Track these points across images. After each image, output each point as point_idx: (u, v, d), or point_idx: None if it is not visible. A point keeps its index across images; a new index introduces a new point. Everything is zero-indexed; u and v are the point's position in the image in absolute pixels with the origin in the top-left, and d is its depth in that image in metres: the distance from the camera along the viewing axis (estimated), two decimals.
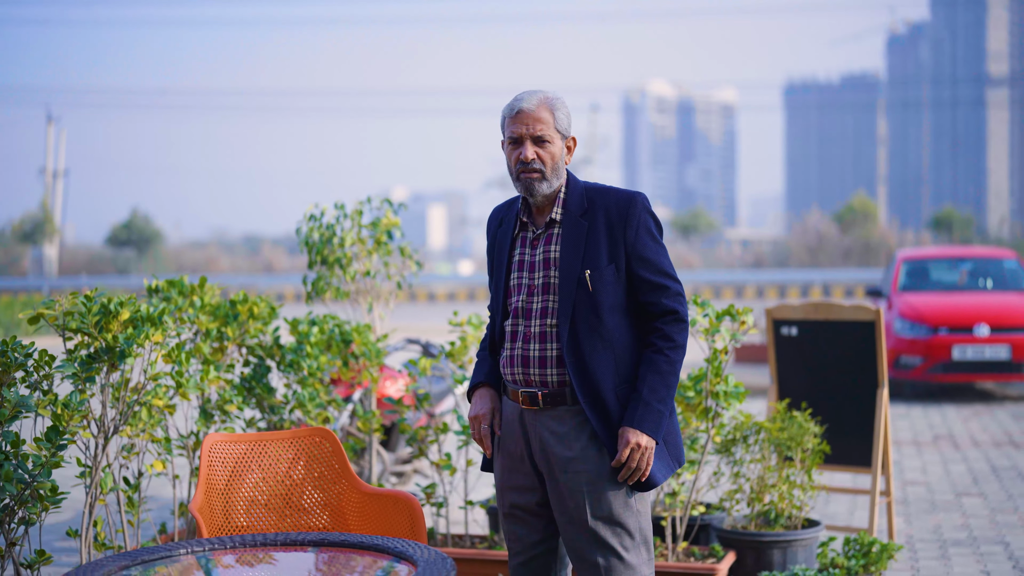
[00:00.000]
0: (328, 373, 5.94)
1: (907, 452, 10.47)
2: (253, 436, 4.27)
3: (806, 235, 55.63)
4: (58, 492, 4.36)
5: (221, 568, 3.33)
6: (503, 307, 3.74)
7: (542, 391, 3.61)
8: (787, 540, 5.48)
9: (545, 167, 3.61)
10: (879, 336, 6.50)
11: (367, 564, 3.29)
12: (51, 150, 69.20)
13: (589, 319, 3.58)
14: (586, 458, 3.58)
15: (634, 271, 3.62)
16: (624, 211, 3.62)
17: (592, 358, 3.58)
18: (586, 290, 3.58)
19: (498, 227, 3.82)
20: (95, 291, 4.77)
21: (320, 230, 6.30)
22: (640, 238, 3.62)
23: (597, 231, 3.62)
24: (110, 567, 3.15)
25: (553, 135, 3.62)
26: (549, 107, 3.62)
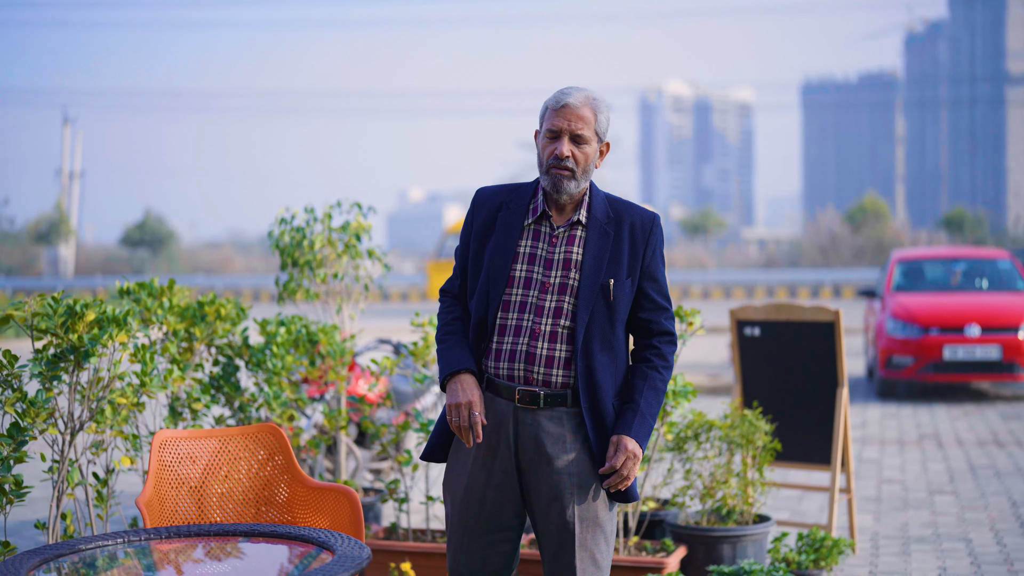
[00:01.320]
0: (296, 372, 6.11)
1: (889, 451, 10.60)
2: (203, 432, 4.45)
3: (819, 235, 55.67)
4: (22, 486, 4.53)
5: (156, 557, 3.50)
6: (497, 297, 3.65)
7: (544, 391, 3.60)
8: (737, 535, 5.63)
9: (577, 167, 3.62)
10: (838, 337, 6.65)
11: (293, 553, 3.46)
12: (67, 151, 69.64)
13: (603, 327, 3.62)
14: (578, 462, 3.60)
15: (644, 289, 3.68)
16: (648, 230, 3.69)
17: (599, 366, 3.61)
18: (607, 299, 3.61)
19: (497, 211, 3.74)
20: (62, 293, 4.96)
21: (291, 233, 6.47)
22: (655, 259, 3.70)
23: (622, 243, 3.66)
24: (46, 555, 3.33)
25: (591, 136, 3.63)
26: (593, 108, 3.63)
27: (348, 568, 3.13)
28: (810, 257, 54.43)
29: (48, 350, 4.87)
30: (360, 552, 3.27)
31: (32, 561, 3.26)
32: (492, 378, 3.66)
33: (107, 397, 5.06)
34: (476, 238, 3.74)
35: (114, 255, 70.14)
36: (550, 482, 3.60)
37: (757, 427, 5.87)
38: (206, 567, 3.50)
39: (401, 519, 6.21)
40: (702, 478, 5.86)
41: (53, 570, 3.34)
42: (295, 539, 3.52)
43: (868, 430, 11.88)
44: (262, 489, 4.40)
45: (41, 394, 4.73)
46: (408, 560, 5.58)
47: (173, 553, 3.54)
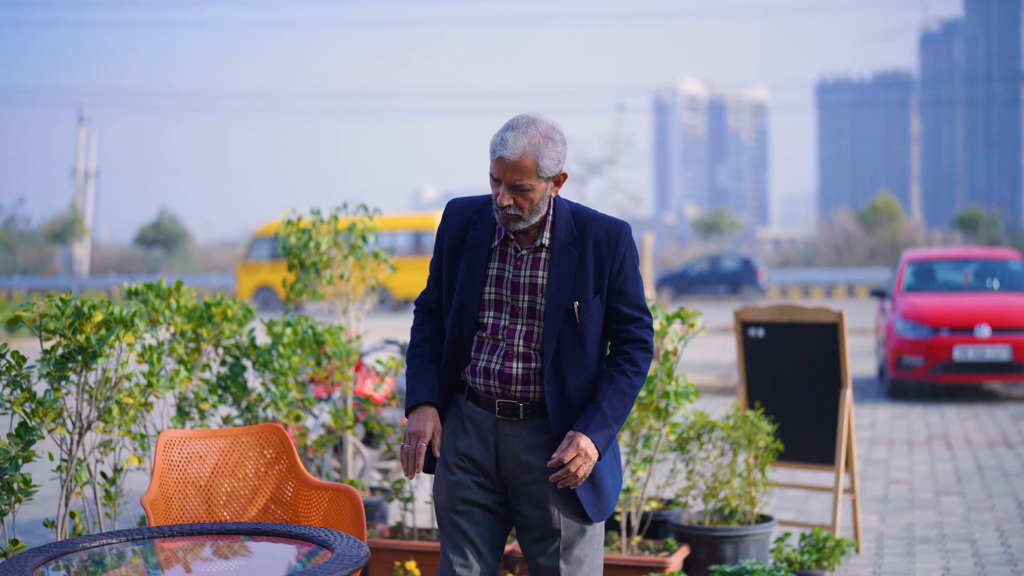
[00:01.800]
0: (302, 372, 6.16)
1: (898, 452, 10.62)
2: (208, 432, 4.50)
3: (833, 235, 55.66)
4: (30, 485, 4.60)
5: (159, 555, 3.56)
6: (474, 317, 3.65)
7: (523, 404, 3.63)
8: (739, 535, 5.67)
9: (523, 211, 3.55)
10: (842, 338, 6.68)
11: (293, 551, 3.51)
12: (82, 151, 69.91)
13: (573, 348, 3.60)
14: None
15: (612, 303, 3.64)
16: (614, 243, 3.62)
17: (572, 384, 3.60)
18: (573, 321, 3.58)
19: (465, 230, 3.70)
20: (69, 294, 5.02)
21: (297, 234, 6.53)
22: (624, 271, 3.62)
23: (586, 261, 3.61)
24: (51, 552, 3.39)
25: (534, 183, 3.51)
26: (534, 156, 3.49)
27: (346, 566, 3.17)
28: (824, 257, 54.44)
29: (56, 350, 4.94)
30: (358, 551, 3.32)
31: (37, 558, 3.32)
32: (472, 390, 3.69)
33: (115, 397, 5.12)
34: (448, 257, 3.73)
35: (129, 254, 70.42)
36: (533, 489, 3.63)
37: (759, 427, 5.90)
38: (209, 565, 3.56)
39: (406, 518, 6.26)
40: (705, 478, 5.90)
41: (60, 568, 3.39)
42: (296, 538, 3.57)
43: (877, 431, 11.90)
44: (266, 488, 4.46)
45: (49, 394, 4.80)
46: (413, 559, 5.64)
47: (176, 551, 3.60)
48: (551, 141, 3.53)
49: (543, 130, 3.53)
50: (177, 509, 4.28)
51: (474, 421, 3.68)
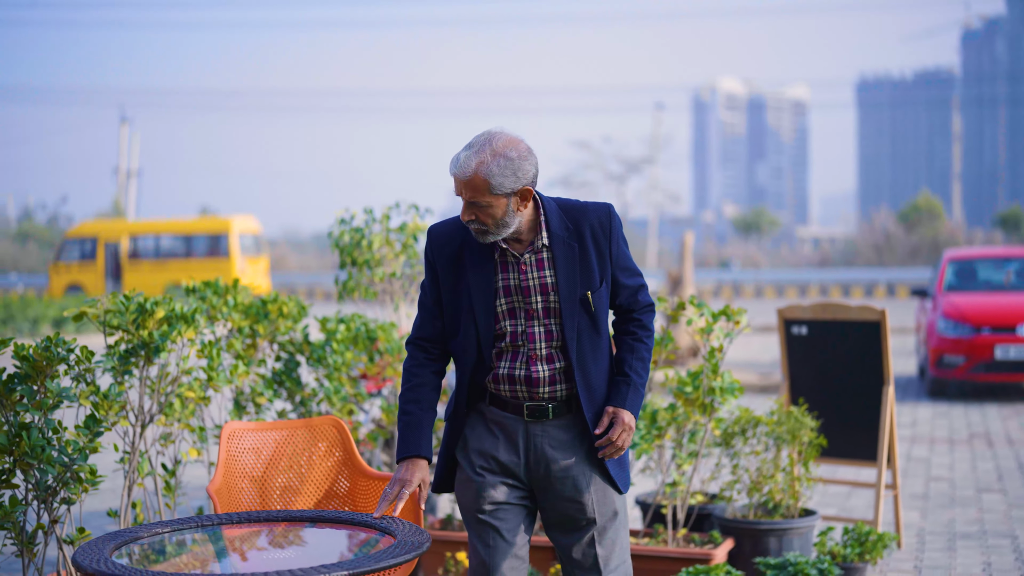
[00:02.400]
0: (355, 368, 6.32)
1: (939, 449, 10.67)
2: (269, 424, 4.66)
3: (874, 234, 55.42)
4: (96, 475, 4.77)
5: (227, 541, 3.71)
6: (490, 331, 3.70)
7: (551, 404, 3.71)
8: (783, 528, 5.77)
9: (487, 225, 3.60)
10: (885, 336, 6.77)
11: (355, 538, 3.65)
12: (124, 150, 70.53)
13: (591, 337, 3.71)
14: (590, 460, 3.74)
15: (618, 279, 3.75)
16: (607, 227, 3.71)
17: (594, 374, 3.72)
18: (588, 311, 3.69)
19: (460, 249, 3.74)
20: (134, 291, 5.19)
21: (350, 233, 6.69)
22: (620, 248, 3.75)
23: (587, 251, 3.70)
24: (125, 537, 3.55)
25: (490, 200, 3.56)
26: (485, 175, 3.54)
27: (409, 551, 3.31)
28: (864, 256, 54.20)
29: (120, 346, 5.11)
30: (420, 537, 3.46)
31: (114, 542, 3.47)
32: (496, 396, 3.77)
33: (175, 391, 5.29)
34: (446, 279, 3.75)
35: None
36: (567, 484, 3.73)
37: (803, 423, 6.00)
38: (275, 551, 3.70)
39: (455, 511, 6.39)
40: (749, 473, 6.01)
41: (135, 552, 3.55)
42: (358, 525, 3.71)
43: (918, 429, 11.95)
44: (324, 480, 4.61)
45: (113, 388, 4.97)
46: (463, 550, 5.77)
47: (244, 537, 3.75)
48: (503, 158, 3.56)
49: (498, 147, 3.57)
50: (237, 498, 4.43)
51: (500, 425, 3.76)
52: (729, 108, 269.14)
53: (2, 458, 4.53)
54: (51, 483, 4.67)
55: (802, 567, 5.41)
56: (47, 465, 4.54)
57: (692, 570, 5.29)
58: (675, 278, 17.18)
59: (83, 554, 3.31)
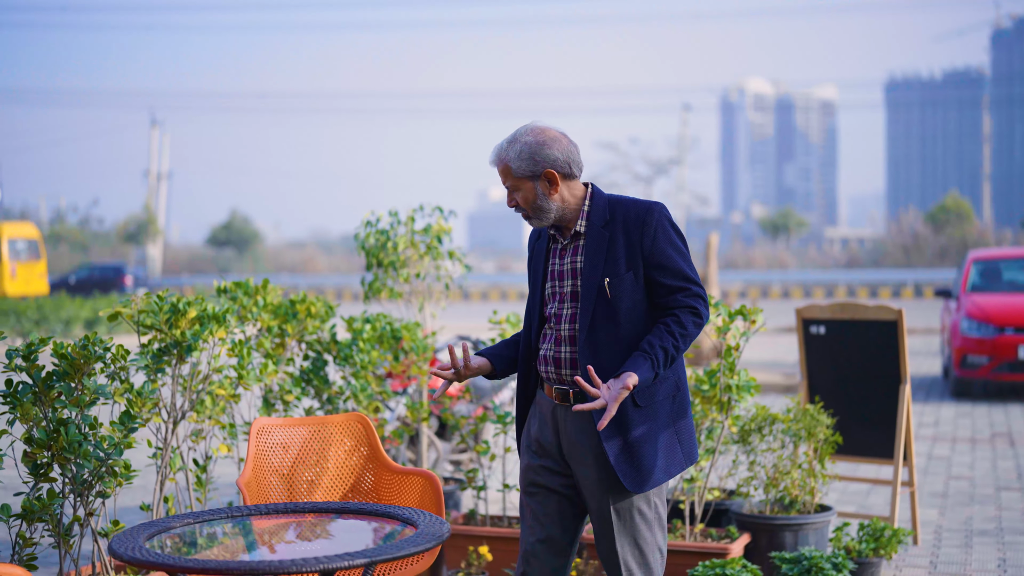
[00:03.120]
0: (380, 367, 6.48)
1: (960, 449, 10.75)
2: (297, 420, 4.82)
3: (902, 235, 55.25)
4: (130, 469, 4.94)
5: (256, 531, 3.87)
6: (540, 313, 3.99)
7: (573, 389, 3.86)
8: (798, 523, 5.89)
9: (526, 208, 3.90)
10: (901, 335, 6.88)
11: (379, 527, 3.81)
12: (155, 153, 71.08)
13: (607, 323, 3.79)
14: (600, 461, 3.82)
15: (653, 277, 3.79)
16: (641, 220, 3.80)
17: (609, 359, 3.78)
18: (605, 297, 3.78)
19: (536, 240, 4.08)
20: (166, 291, 5.37)
21: (376, 235, 6.85)
22: (658, 245, 3.78)
23: (616, 241, 3.81)
24: (159, 527, 3.71)
25: (517, 183, 3.87)
26: (503, 160, 3.87)
27: (430, 540, 3.46)
28: (893, 257, 54.06)
29: (153, 345, 5.28)
30: (441, 527, 3.61)
31: (148, 531, 3.64)
32: (542, 380, 4.00)
33: (207, 389, 5.46)
34: (528, 267, 4.14)
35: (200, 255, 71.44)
36: (590, 472, 3.85)
37: (819, 420, 6.12)
38: (301, 541, 3.86)
39: (479, 506, 6.55)
40: (766, 469, 6.13)
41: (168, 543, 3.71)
42: (382, 516, 3.87)
43: (941, 428, 12.02)
44: (349, 474, 4.76)
45: (147, 385, 5.14)
46: (485, 544, 5.92)
47: (271, 528, 3.91)
48: (521, 144, 3.85)
49: (520, 135, 3.89)
50: (266, 492, 4.59)
51: (540, 408, 3.99)
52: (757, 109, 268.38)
53: (41, 453, 4.70)
54: (87, 477, 4.85)
55: (816, 561, 5.53)
56: (84, 460, 4.71)
57: (708, 564, 5.41)
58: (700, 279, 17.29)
59: (119, 542, 3.47)
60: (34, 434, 4.70)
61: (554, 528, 3.95)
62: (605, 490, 3.84)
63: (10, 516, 4.63)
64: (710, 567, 5.40)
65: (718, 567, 5.40)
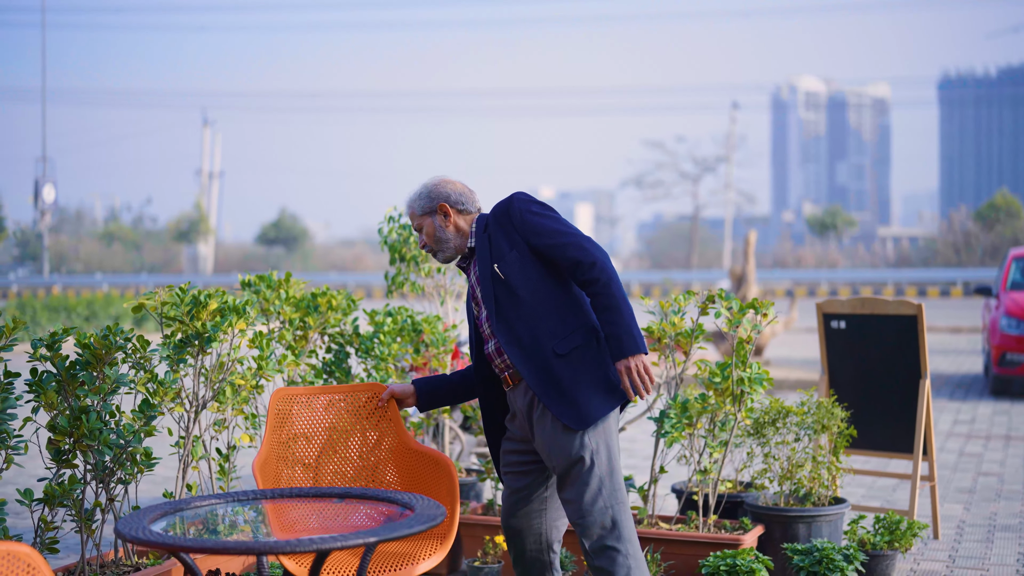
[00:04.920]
0: (402, 359, 6.58)
1: (993, 446, 10.72)
2: (316, 389, 4.92)
3: (953, 233, 54.78)
4: (151, 457, 5.08)
5: (263, 511, 3.99)
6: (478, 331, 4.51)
7: (507, 372, 4.36)
8: (811, 516, 5.94)
9: (431, 243, 4.47)
10: (921, 330, 6.90)
11: (380, 511, 3.91)
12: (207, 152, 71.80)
13: (511, 302, 4.27)
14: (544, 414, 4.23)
15: (535, 245, 4.25)
16: (505, 209, 4.32)
17: (526, 332, 4.23)
18: (500, 280, 4.29)
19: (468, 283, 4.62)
20: (188, 284, 5.50)
21: (398, 230, 6.96)
22: (526, 221, 4.27)
23: (495, 235, 4.33)
24: (165, 508, 3.84)
25: (420, 221, 4.47)
26: (410, 207, 4.50)
27: (422, 523, 3.56)
28: (944, 256, 53.62)
29: (175, 336, 5.42)
30: (436, 511, 3.71)
31: (154, 513, 3.76)
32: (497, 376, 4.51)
33: (228, 379, 5.59)
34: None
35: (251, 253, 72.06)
36: (538, 441, 4.30)
37: (833, 414, 6.16)
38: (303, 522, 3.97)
39: (497, 496, 6.63)
40: (780, 462, 6.18)
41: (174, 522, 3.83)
42: (382, 500, 3.98)
43: (976, 426, 11.98)
44: (368, 445, 4.85)
45: (169, 375, 5.28)
46: (503, 534, 6.00)
47: (275, 510, 4.02)
48: (420, 187, 4.50)
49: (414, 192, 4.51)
50: (285, 465, 4.69)
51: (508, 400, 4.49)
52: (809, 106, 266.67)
53: (63, 439, 4.85)
54: (108, 463, 4.99)
55: (828, 552, 5.58)
56: (104, 446, 4.86)
57: (721, 554, 5.48)
58: (738, 276, 17.28)
59: (124, 524, 3.60)
60: (57, 422, 4.85)
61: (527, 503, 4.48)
62: (554, 451, 4.22)
63: (32, 500, 4.78)
64: (722, 557, 5.47)
65: (729, 557, 5.46)
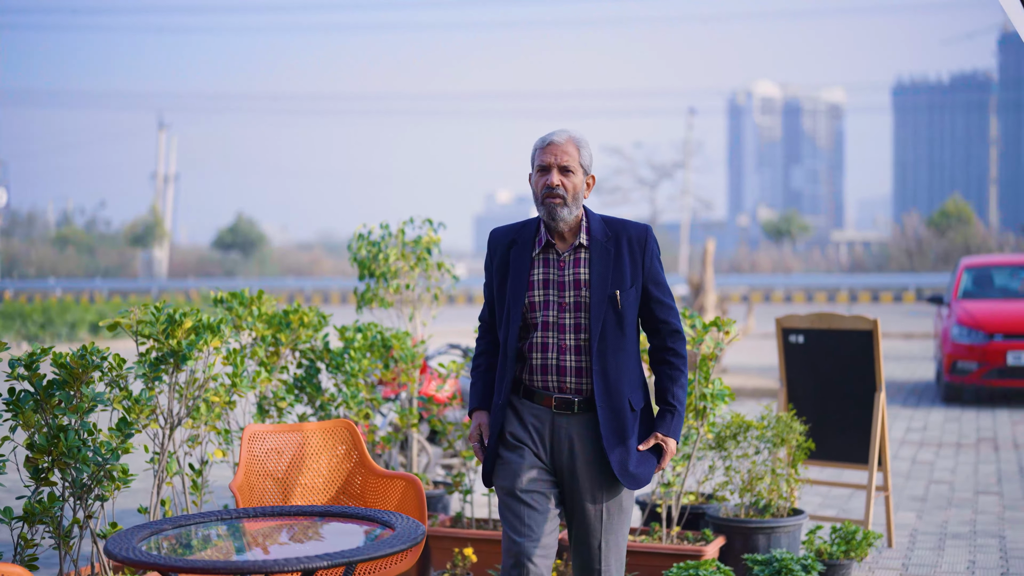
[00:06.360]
0: (372, 374, 6.72)
1: (945, 453, 10.97)
2: (287, 427, 5.06)
3: (905, 239, 55.43)
4: (128, 474, 5.18)
5: (245, 532, 4.11)
6: (523, 320, 4.14)
7: (577, 398, 4.08)
8: (771, 527, 6.12)
9: (567, 194, 4.06)
10: (876, 344, 7.11)
11: (360, 530, 4.05)
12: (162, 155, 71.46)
13: (615, 334, 4.07)
14: (604, 457, 4.05)
15: (651, 293, 4.14)
16: (643, 240, 4.14)
17: (615, 369, 4.06)
18: (615, 308, 4.07)
19: (509, 248, 4.21)
20: (163, 302, 5.61)
21: (367, 247, 7.09)
22: (654, 265, 4.15)
23: (622, 257, 4.10)
24: (153, 528, 3.96)
25: (577, 167, 4.09)
26: (576, 144, 4.12)
27: (405, 542, 3.70)
28: (897, 261, 54.24)
29: (151, 353, 5.53)
30: (416, 529, 3.85)
31: (142, 533, 3.88)
32: (529, 388, 4.16)
33: (202, 396, 5.70)
34: (497, 274, 4.25)
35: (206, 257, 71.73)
36: (583, 476, 4.08)
37: (792, 428, 6.36)
38: (289, 542, 4.10)
39: (465, 509, 6.78)
40: (741, 474, 6.36)
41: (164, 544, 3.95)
42: (362, 519, 4.11)
43: (928, 433, 12.24)
44: (338, 478, 5.01)
45: (144, 393, 5.39)
46: (471, 545, 6.15)
47: (260, 530, 4.15)
48: (585, 140, 4.16)
49: (577, 132, 4.17)
50: (259, 495, 4.83)
51: (532, 416, 4.14)
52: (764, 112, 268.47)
53: (42, 458, 4.95)
54: (86, 481, 5.09)
55: (786, 563, 5.76)
56: (83, 464, 4.96)
57: (683, 565, 5.64)
58: (696, 284, 17.51)
59: (114, 543, 3.71)
60: (35, 440, 4.94)
61: (548, 528, 4.11)
62: (601, 491, 4.08)
63: (12, 518, 4.87)
64: (684, 568, 5.63)
65: (692, 568, 5.63)
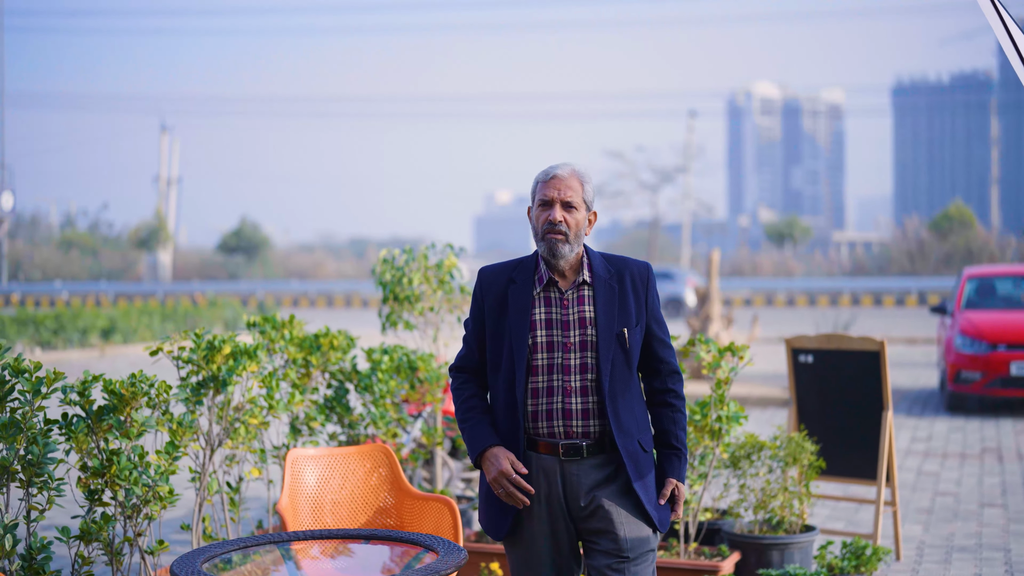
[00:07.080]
0: (398, 394, 6.99)
1: (949, 464, 11.22)
2: (328, 451, 5.33)
3: (907, 242, 55.65)
4: (173, 494, 5.44)
5: (297, 554, 4.37)
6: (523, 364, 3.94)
7: (585, 442, 3.94)
8: (784, 543, 6.39)
9: (569, 231, 3.93)
10: (883, 365, 7.37)
11: (403, 553, 4.30)
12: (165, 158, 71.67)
13: (623, 373, 3.97)
14: (625, 498, 3.95)
15: (653, 331, 4.07)
16: (645, 278, 4.07)
17: (623, 410, 3.96)
18: (623, 347, 3.96)
19: (506, 287, 4.05)
20: (203, 329, 5.87)
21: (392, 271, 7.35)
22: (655, 302, 4.08)
23: (627, 294, 4.01)
24: (215, 552, 4.22)
25: (580, 203, 3.96)
26: (579, 179, 3.99)
27: (448, 566, 3.95)
28: (898, 264, 54.46)
29: (191, 378, 5.79)
30: (458, 554, 4.10)
31: (203, 556, 4.14)
32: (533, 438, 4.00)
33: (240, 418, 5.97)
34: (491, 315, 4.06)
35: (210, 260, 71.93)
36: (604, 521, 3.94)
37: (803, 447, 6.62)
38: (332, 563, 4.36)
39: None
40: (755, 492, 6.62)
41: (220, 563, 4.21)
42: (404, 542, 4.37)
43: (933, 443, 12.49)
44: (375, 499, 5.26)
45: (187, 416, 5.65)
46: (496, 561, 6.41)
47: (309, 552, 4.40)
48: (587, 175, 4.05)
49: (580, 167, 4.05)
50: (300, 515, 5.10)
51: (539, 466, 3.99)
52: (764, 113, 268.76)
53: (96, 480, 5.21)
54: (135, 501, 5.35)
55: None
56: (134, 485, 5.22)
57: None
58: (702, 294, 17.78)
59: (179, 565, 3.97)
60: (87, 462, 5.20)
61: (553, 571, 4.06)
62: (624, 531, 3.93)
63: (70, 537, 5.13)
64: None
65: None
